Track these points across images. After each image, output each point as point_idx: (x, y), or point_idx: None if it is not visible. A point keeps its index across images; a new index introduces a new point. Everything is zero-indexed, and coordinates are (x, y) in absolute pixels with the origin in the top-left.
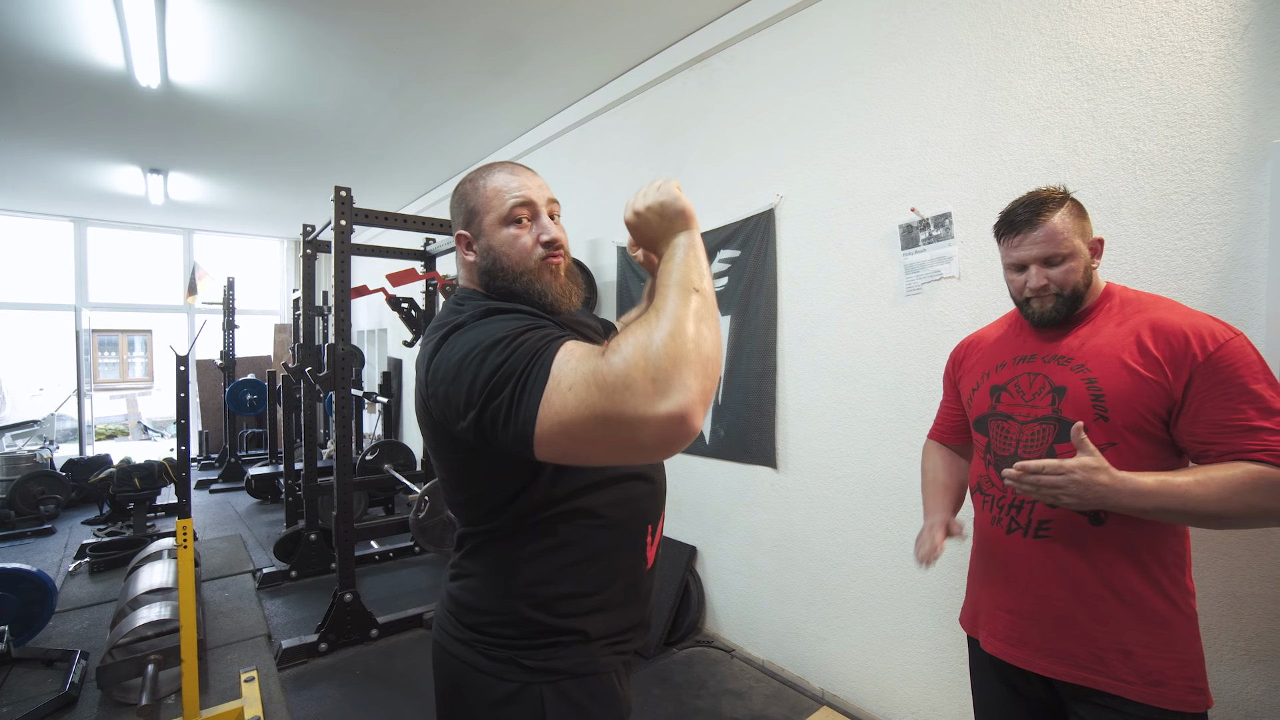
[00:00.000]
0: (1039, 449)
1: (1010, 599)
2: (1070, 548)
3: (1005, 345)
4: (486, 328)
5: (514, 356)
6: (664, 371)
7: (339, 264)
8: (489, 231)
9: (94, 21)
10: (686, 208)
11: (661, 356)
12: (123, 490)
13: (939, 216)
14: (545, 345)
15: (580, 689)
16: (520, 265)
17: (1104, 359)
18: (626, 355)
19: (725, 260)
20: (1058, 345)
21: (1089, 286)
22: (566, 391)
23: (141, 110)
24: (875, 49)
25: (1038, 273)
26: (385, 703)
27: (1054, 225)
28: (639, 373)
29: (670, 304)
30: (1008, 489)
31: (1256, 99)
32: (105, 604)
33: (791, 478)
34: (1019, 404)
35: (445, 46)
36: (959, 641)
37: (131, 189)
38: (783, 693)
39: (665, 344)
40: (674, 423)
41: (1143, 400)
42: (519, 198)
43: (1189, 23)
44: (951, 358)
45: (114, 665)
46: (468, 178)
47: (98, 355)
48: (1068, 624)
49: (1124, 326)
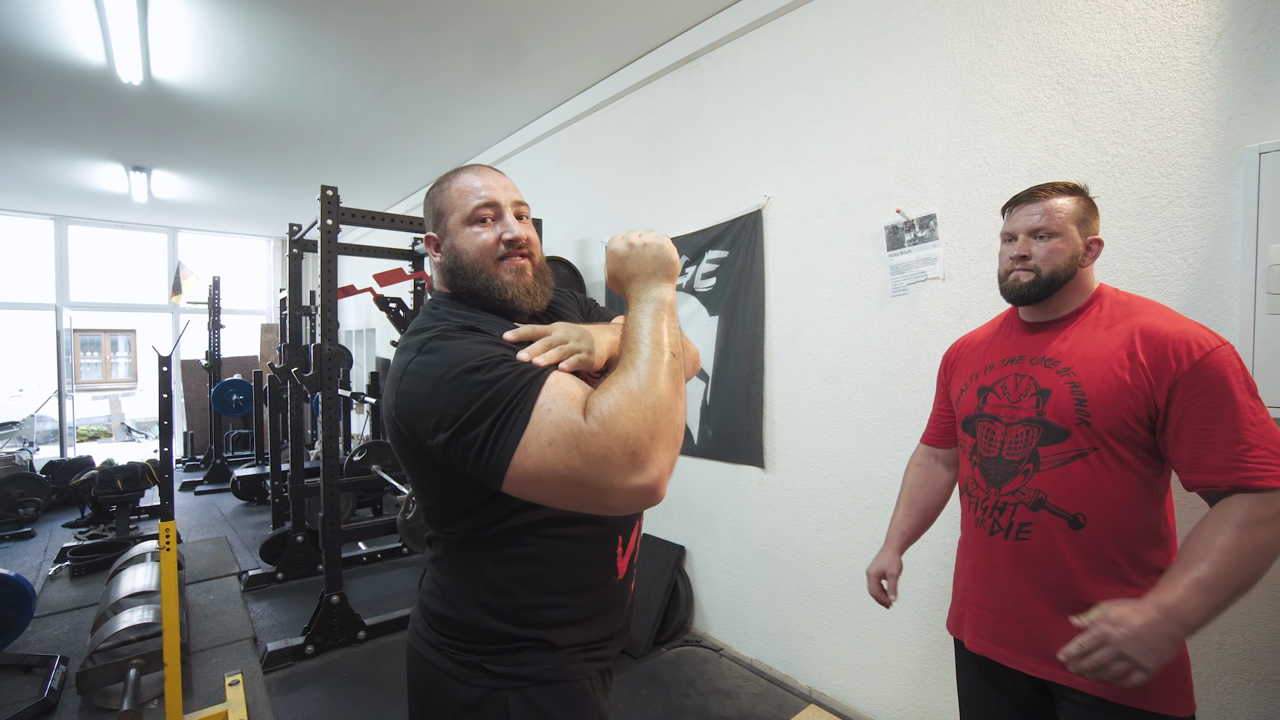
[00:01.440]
0: (1023, 451)
1: (993, 598)
2: (1050, 550)
3: (995, 346)
4: (459, 349)
5: (494, 390)
6: (643, 447)
7: (325, 264)
8: (453, 231)
9: (73, 16)
10: (677, 262)
11: (641, 430)
12: (105, 493)
13: (924, 218)
14: (528, 383)
15: (547, 696)
16: (479, 262)
17: (1089, 363)
18: (608, 423)
19: (713, 261)
20: (1045, 347)
21: (1071, 278)
22: (546, 446)
23: (124, 107)
24: (862, 51)
25: (1022, 241)
26: (372, 705)
27: (1052, 203)
28: (619, 445)
29: (647, 367)
30: (990, 489)
31: (1229, 105)
32: (86, 608)
33: (779, 477)
34: (1005, 406)
35: (433, 46)
36: (943, 640)
37: (114, 187)
38: (770, 691)
39: (645, 416)
40: (644, 493)
41: (1125, 406)
42: (482, 198)
43: (1165, 29)
44: (944, 359)
45: (94, 670)
46: (437, 181)
47: (79, 355)
48: (1048, 624)
49: (1112, 330)
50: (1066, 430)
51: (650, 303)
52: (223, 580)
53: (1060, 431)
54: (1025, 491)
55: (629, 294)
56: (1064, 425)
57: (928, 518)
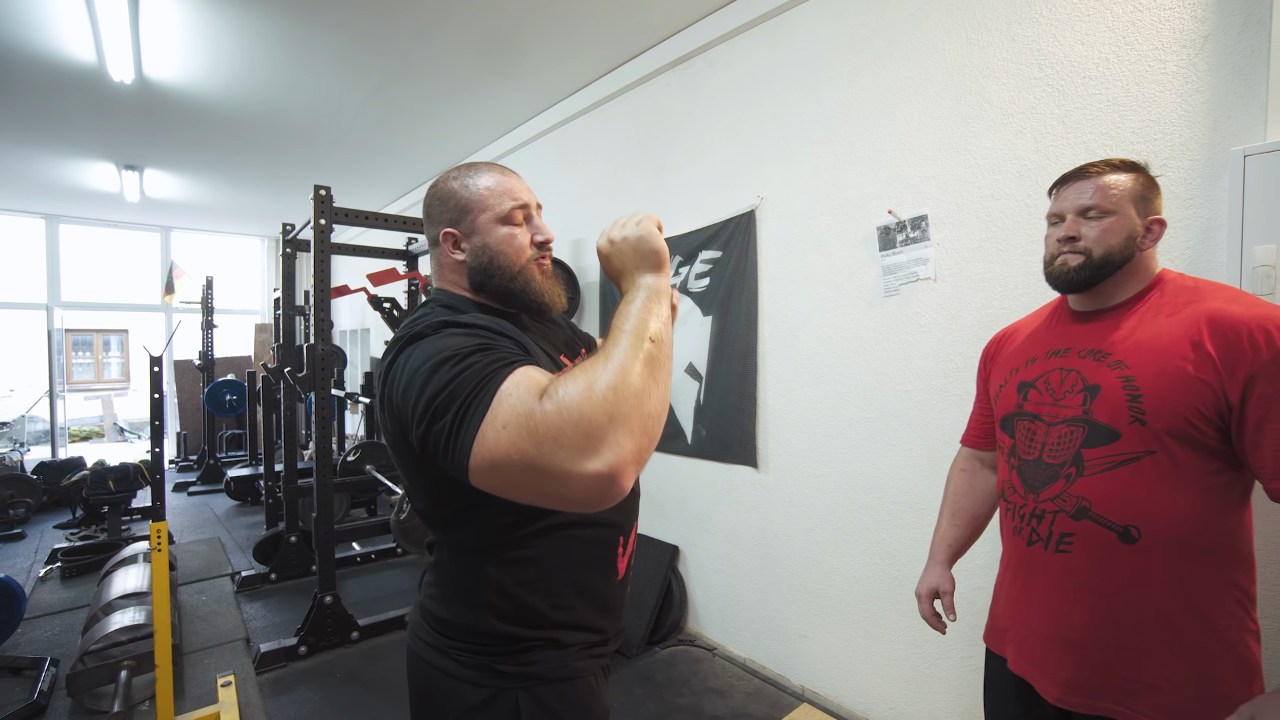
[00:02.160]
0: (1065, 453)
1: (1032, 614)
2: (1095, 566)
3: (1039, 338)
4: (440, 342)
5: (460, 379)
6: (598, 427)
7: (318, 264)
8: (484, 230)
9: (64, 14)
10: (661, 249)
11: (598, 411)
12: (96, 493)
13: (916, 219)
14: (494, 372)
15: (554, 694)
16: (516, 264)
17: (1146, 354)
18: (562, 404)
19: (707, 261)
20: (1095, 338)
21: (1128, 261)
22: (500, 429)
23: (115, 106)
24: (854, 52)
25: (1071, 222)
26: (366, 705)
27: (1105, 179)
28: (571, 426)
29: (620, 352)
30: (1028, 494)
31: (1215, 108)
32: (77, 610)
33: (772, 477)
34: (1047, 403)
35: (427, 46)
36: (934, 638)
37: (106, 186)
38: (763, 690)
39: (605, 397)
40: (601, 481)
41: (1186, 402)
42: (517, 199)
43: (1153, 32)
44: (984, 353)
45: (85, 672)
46: (451, 175)
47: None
48: (1086, 649)
49: (1175, 318)
50: (1116, 431)
51: (639, 290)
52: (215, 581)
53: (1109, 432)
54: (1066, 498)
55: (621, 289)
56: (1114, 425)
57: (975, 527)
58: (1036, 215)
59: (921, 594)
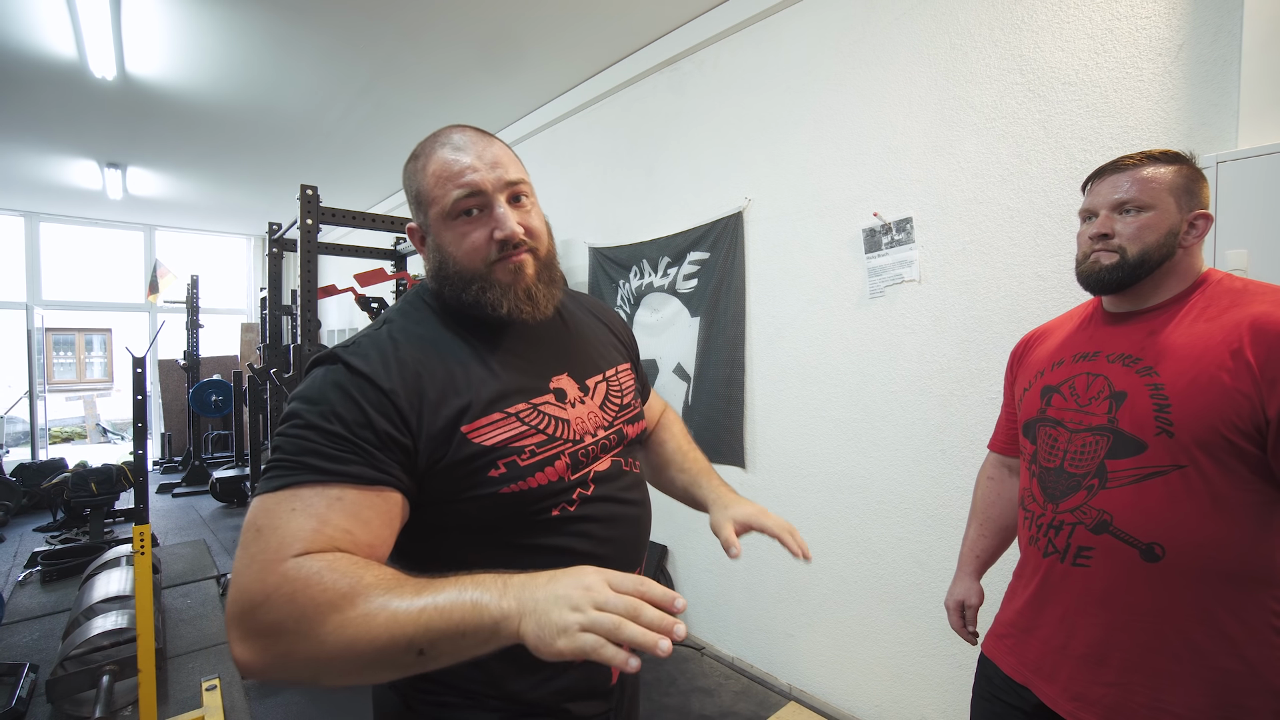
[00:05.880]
0: (1089, 463)
1: (1046, 628)
2: (1114, 584)
3: (1069, 340)
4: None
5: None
6: (257, 624)
7: (305, 264)
8: (435, 228)
9: (43, 9)
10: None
11: (236, 611)
12: (78, 495)
13: (900, 221)
14: (300, 467)
15: None
16: (469, 270)
17: (1179, 360)
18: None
19: (695, 262)
20: (1127, 342)
21: (1168, 259)
22: (249, 539)
23: (97, 103)
24: (840, 56)
25: (1104, 217)
26: (352, 709)
27: (1144, 172)
28: (240, 602)
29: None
30: (1047, 504)
31: (1190, 115)
32: (58, 614)
33: (760, 477)
34: (1071, 409)
35: (415, 45)
36: (920, 637)
37: (88, 183)
38: (751, 689)
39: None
40: (236, 663)
41: (1221, 413)
42: (464, 186)
43: (1130, 40)
44: (1012, 354)
45: (66, 677)
46: (414, 151)
47: (52, 355)
48: (1100, 668)
49: (1217, 322)
50: (1142, 442)
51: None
52: (201, 584)
53: (1135, 443)
54: (1086, 510)
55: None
56: (1139, 435)
57: (1005, 536)
58: (1019, 219)
59: (950, 606)
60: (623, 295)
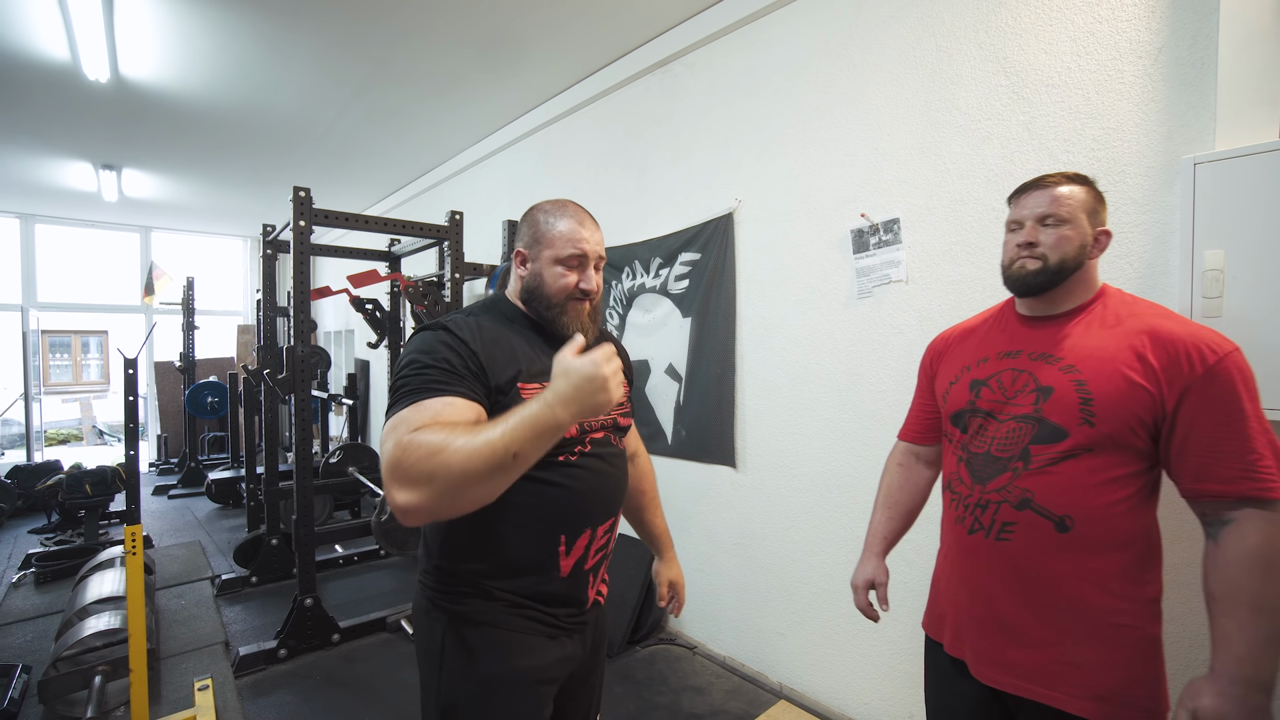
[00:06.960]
0: (1014, 448)
1: (969, 599)
2: (1030, 553)
3: (989, 339)
4: (423, 340)
5: (406, 380)
6: (387, 475)
7: (298, 266)
8: (543, 263)
9: (36, 11)
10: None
11: (392, 465)
12: (73, 497)
13: (888, 222)
14: (423, 388)
15: (477, 635)
16: (556, 298)
17: (1095, 362)
18: (409, 445)
19: (686, 263)
20: (1046, 343)
21: (1079, 269)
22: (389, 430)
23: (91, 105)
24: (829, 58)
25: (1030, 228)
26: (345, 708)
27: (1060, 191)
28: (395, 463)
29: (483, 442)
30: (975, 485)
31: (1169, 117)
32: (51, 615)
33: (750, 477)
34: (999, 400)
35: (409, 48)
36: (909, 634)
37: (83, 185)
38: (742, 688)
39: (430, 463)
40: (395, 508)
41: (1131, 409)
42: (578, 250)
43: (1111, 43)
44: (929, 351)
45: (58, 678)
46: (542, 208)
47: (48, 357)
48: (1016, 632)
49: (1118, 330)
50: (1065, 430)
51: (550, 410)
52: (195, 585)
53: (1058, 430)
54: (1011, 490)
55: (551, 396)
56: (1064, 425)
57: (908, 520)
58: (1004, 220)
59: (858, 585)
60: (615, 296)
